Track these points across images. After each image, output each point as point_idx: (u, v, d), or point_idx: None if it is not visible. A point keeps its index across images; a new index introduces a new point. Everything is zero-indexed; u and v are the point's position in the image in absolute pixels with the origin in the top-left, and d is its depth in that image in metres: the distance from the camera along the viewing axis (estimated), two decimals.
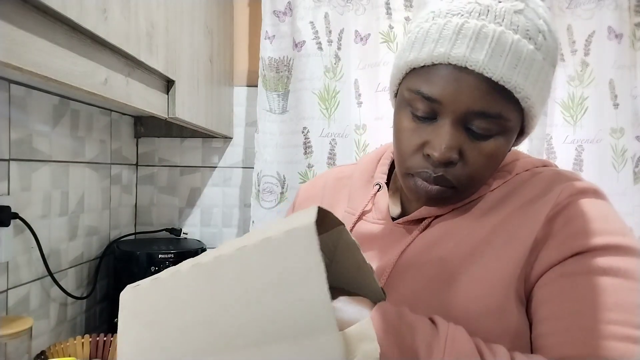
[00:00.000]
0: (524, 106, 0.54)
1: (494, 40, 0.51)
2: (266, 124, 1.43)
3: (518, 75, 0.51)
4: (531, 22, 0.53)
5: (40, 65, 0.53)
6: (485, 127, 0.54)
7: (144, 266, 1.26)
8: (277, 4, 1.41)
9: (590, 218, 0.54)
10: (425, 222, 0.63)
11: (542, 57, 0.53)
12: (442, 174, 0.56)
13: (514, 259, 0.55)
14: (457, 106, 0.53)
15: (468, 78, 0.52)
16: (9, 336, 0.83)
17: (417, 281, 0.59)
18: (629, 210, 1.32)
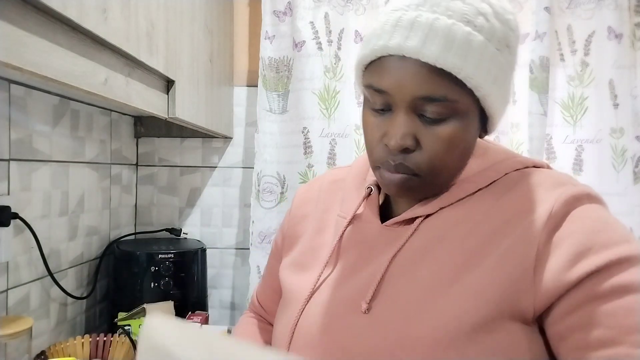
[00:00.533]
0: (470, 87, 0.54)
1: (427, 26, 0.53)
2: (266, 124, 1.43)
3: (454, 56, 0.52)
4: (470, 7, 0.54)
5: (40, 65, 0.53)
6: (435, 110, 0.55)
7: (144, 266, 1.26)
8: (277, 4, 1.41)
9: (592, 229, 0.54)
10: (415, 224, 0.62)
11: (483, 38, 0.53)
12: (401, 162, 0.57)
13: (512, 273, 0.54)
14: (403, 94, 0.55)
15: (408, 66, 0.54)
16: (9, 336, 0.83)
17: (409, 289, 0.58)
18: (629, 210, 1.32)
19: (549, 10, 1.32)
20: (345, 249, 0.66)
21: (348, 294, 0.61)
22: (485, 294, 0.54)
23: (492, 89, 0.55)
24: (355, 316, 0.59)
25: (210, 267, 1.51)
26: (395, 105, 0.57)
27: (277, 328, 0.69)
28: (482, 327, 0.53)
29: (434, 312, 0.54)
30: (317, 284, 0.65)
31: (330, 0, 1.40)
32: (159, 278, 1.26)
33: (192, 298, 1.33)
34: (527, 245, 0.54)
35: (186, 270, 1.31)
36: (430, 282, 0.57)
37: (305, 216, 0.77)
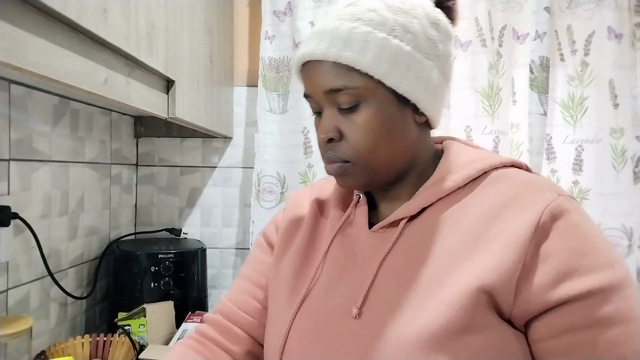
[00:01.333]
0: (364, 71, 0.59)
1: (326, 32, 0.61)
2: (266, 124, 1.43)
3: (342, 49, 0.59)
4: (361, 7, 0.61)
5: (40, 65, 0.53)
6: (344, 100, 0.61)
7: (144, 266, 1.26)
8: (277, 4, 1.41)
9: (579, 250, 0.55)
10: (400, 227, 0.63)
11: (370, 29, 0.59)
12: (331, 152, 0.63)
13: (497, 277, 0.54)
14: (317, 93, 0.63)
15: (317, 68, 0.62)
16: (9, 336, 0.83)
17: (398, 293, 0.59)
18: (629, 210, 1.32)
19: (549, 10, 1.32)
20: (335, 256, 0.67)
21: (339, 300, 0.62)
22: (471, 296, 0.54)
23: (390, 71, 0.59)
24: (346, 322, 0.60)
25: (210, 267, 1.51)
26: (320, 106, 0.64)
27: (269, 335, 0.69)
28: (470, 329, 0.54)
29: (422, 315, 0.55)
30: (307, 291, 0.66)
31: (330, 0, 1.40)
32: (159, 278, 1.26)
33: (192, 298, 1.33)
34: (514, 253, 0.55)
35: (186, 270, 1.31)
36: (418, 285, 0.58)
37: (298, 221, 0.77)
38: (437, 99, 0.64)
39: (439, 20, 0.64)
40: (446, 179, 0.63)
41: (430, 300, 0.56)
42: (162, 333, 1.19)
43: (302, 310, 0.65)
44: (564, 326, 0.54)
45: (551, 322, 0.54)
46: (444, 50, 0.64)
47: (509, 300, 0.55)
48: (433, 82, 0.63)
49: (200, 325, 0.82)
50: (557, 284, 0.53)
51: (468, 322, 0.54)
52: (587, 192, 1.36)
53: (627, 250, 1.33)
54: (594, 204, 1.35)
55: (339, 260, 0.67)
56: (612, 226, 1.34)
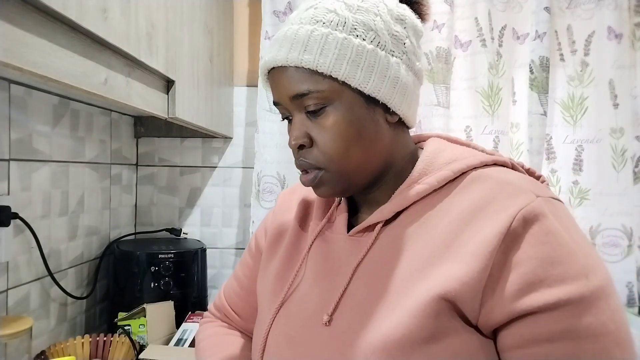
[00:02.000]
0: (327, 73, 0.58)
1: (286, 37, 0.60)
2: (266, 124, 1.43)
3: (302, 53, 0.58)
4: (320, 9, 0.60)
5: (40, 65, 0.53)
6: (310, 104, 0.60)
7: (144, 266, 1.26)
8: (277, 4, 1.41)
9: (549, 259, 0.51)
10: (375, 231, 0.62)
11: (329, 30, 0.59)
12: (302, 159, 0.62)
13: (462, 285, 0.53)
14: (284, 99, 0.62)
15: (277, 74, 0.62)
16: (9, 336, 0.83)
17: (367, 300, 0.58)
18: (629, 210, 1.32)
19: (549, 10, 1.32)
20: (314, 260, 0.67)
21: (313, 306, 0.62)
22: (434, 305, 0.53)
23: (353, 71, 0.58)
24: (317, 329, 0.60)
25: (210, 267, 1.51)
26: (290, 112, 0.63)
27: (254, 337, 0.70)
28: (434, 337, 0.52)
29: (387, 324, 0.54)
30: (285, 296, 0.66)
31: None
32: (159, 278, 1.26)
33: (192, 298, 1.33)
34: (480, 262, 0.52)
35: (186, 270, 1.31)
36: (387, 293, 0.57)
37: (285, 223, 0.77)
38: (407, 97, 0.62)
39: (404, 16, 0.62)
40: (422, 182, 0.61)
41: (396, 309, 0.55)
42: (162, 333, 1.19)
43: (280, 315, 0.65)
44: (529, 337, 0.51)
45: (517, 331, 0.52)
46: (412, 45, 0.63)
47: (474, 310, 0.53)
48: (401, 80, 0.61)
49: (209, 313, 0.88)
50: (523, 295, 0.51)
51: (432, 331, 0.52)
52: (587, 192, 1.36)
53: (627, 250, 1.34)
54: (594, 204, 1.35)
55: (317, 265, 0.66)
56: (612, 226, 1.34)
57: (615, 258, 1.34)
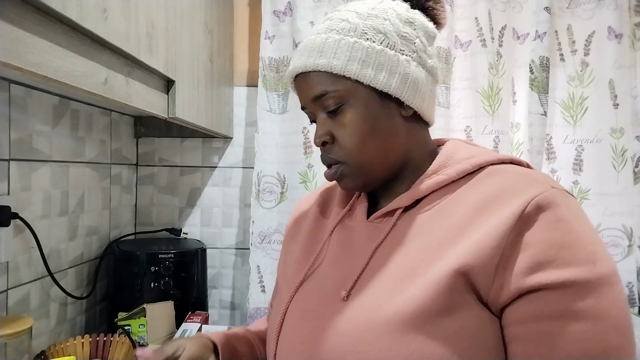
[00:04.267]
0: (340, 73, 0.64)
1: (305, 47, 0.67)
2: (266, 124, 1.43)
3: (318, 58, 0.65)
4: (334, 20, 0.67)
5: (40, 65, 0.53)
6: (329, 103, 0.65)
7: (144, 266, 1.26)
8: (277, 4, 1.41)
9: (560, 242, 0.54)
10: (395, 217, 0.66)
11: (341, 36, 0.65)
12: (326, 155, 0.68)
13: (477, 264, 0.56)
14: (307, 102, 0.68)
15: (299, 81, 0.68)
16: (9, 336, 0.83)
17: (384, 279, 0.61)
18: (629, 210, 1.33)
19: (549, 10, 1.32)
20: (334, 245, 0.71)
21: (331, 284, 0.66)
22: (448, 279, 0.56)
23: (363, 69, 0.64)
24: (334, 303, 0.63)
25: (210, 267, 1.51)
26: (314, 114, 0.69)
27: (272, 314, 0.75)
28: (447, 311, 0.55)
29: (402, 298, 0.57)
30: (305, 276, 0.71)
31: (330, 0, 1.40)
32: (159, 278, 1.26)
33: (192, 298, 1.33)
34: (494, 241, 0.55)
35: (186, 270, 1.31)
36: (404, 271, 0.60)
37: (303, 218, 0.82)
38: (420, 91, 0.66)
39: (414, 19, 0.67)
40: (441, 173, 0.65)
41: (412, 285, 0.58)
42: (162, 333, 1.19)
43: (298, 294, 0.69)
44: (530, 313, 0.54)
45: (520, 307, 0.55)
46: (422, 45, 0.67)
47: (487, 285, 0.56)
48: (412, 75, 0.65)
49: None
50: (532, 272, 0.54)
51: (445, 305, 0.55)
52: (587, 192, 1.36)
53: (627, 250, 1.34)
54: (594, 204, 1.35)
55: (337, 249, 0.70)
56: (612, 226, 1.34)
57: (616, 258, 1.34)
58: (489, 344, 0.56)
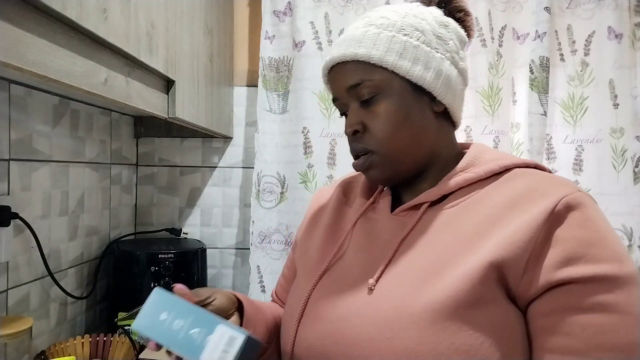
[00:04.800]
0: (377, 64, 0.66)
1: (344, 39, 0.69)
2: (266, 124, 1.43)
3: (357, 48, 0.66)
4: (374, 16, 0.69)
5: (40, 65, 0.53)
6: (364, 93, 0.67)
7: (144, 266, 1.26)
8: (277, 4, 1.41)
9: (589, 240, 0.57)
10: (421, 210, 0.67)
11: (381, 30, 0.67)
12: (357, 144, 0.69)
13: (507, 258, 0.57)
14: (341, 92, 0.70)
15: (335, 71, 0.70)
16: (9, 336, 0.83)
17: (412, 270, 0.62)
18: (629, 210, 1.32)
19: (549, 10, 1.32)
20: (357, 236, 0.73)
21: (356, 274, 0.67)
22: (482, 271, 0.57)
23: (400, 61, 0.66)
24: (360, 293, 0.64)
25: (210, 267, 1.51)
26: (347, 104, 0.70)
27: (290, 301, 0.75)
28: (477, 303, 0.57)
29: (433, 288, 0.58)
30: (328, 265, 0.72)
31: (330, 0, 1.40)
32: (159, 278, 1.26)
33: None
34: (527, 235, 0.57)
35: (186, 270, 1.31)
36: (433, 264, 0.61)
37: (322, 209, 0.84)
38: (451, 88, 0.69)
39: (448, 22, 0.71)
40: (468, 171, 0.67)
41: (443, 276, 0.59)
42: None
43: (322, 282, 0.70)
44: (559, 305, 0.56)
45: (548, 300, 0.57)
46: (455, 47, 0.70)
47: (517, 278, 0.57)
48: (445, 72, 0.68)
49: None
50: (561, 266, 0.56)
51: (476, 297, 0.57)
52: (587, 192, 1.36)
53: (628, 250, 1.33)
54: None
55: (360, 239, 0.72)
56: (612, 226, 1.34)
57: None
58: (516, 338, 0.58)
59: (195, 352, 0.57)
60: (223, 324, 0.58)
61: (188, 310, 0.61)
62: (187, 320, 0.60)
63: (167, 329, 0.60)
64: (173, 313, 0.61)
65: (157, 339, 0.61)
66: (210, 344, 0.57)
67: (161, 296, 0.64)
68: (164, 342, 0.60)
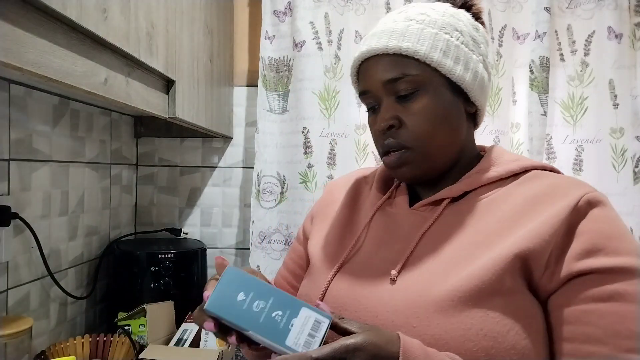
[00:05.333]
0: (419, 58, 0.65)
1: (384, 31, 0.68)
2: (266, 124, 1.43)
3: (401, 42, 0.66)
4: (413, 12, 0.69)
5: (40, 65, 0.53)
6: (403, 87, 0.66)
7: (144, 266, 1.26)
8: (277, 4, 1.41)
9: (609, 234, 0.59)
10: (442, 205, 0.68)
11: (423, 26, 0.67)
12: (391, 139, 0.68)
13: (531, 250, 0.59)
14: (376, 85, 0.68)
15: (372, 63, 0.68)
16: (9, 336, 0.83)
17: (434, 263, 0.63)
18: (629, 210, 1.32)
19: (549, 10, 1.32)
20: (375, 230, 0.73)
21: (377, 265, 0.68)
22: (507, 261, 0.58)
23: (443, 59, 0.66)
24: (383, 284, 0.65)
25: (210, 267, 1.51)
26: (379, 98, 0.69)
27: (305, 292, 0.74)
28: (501, 290, 0.58)
29: (459, 277, 0.60)
30: (347, 257, 0.72)
31: (330, 0, 1.40)
32: (159, 278, 1.26)
33: (192, 298, 1.33)
34: (551, 229, 0.59)
35: (186, 270, 1.31)
36: (455, 256, 0.62)
37: (335, 201, 0.83)
38: (484, 90, 0.71)
39: (479, 26, 0.72)
40: (490, 170, 0.69)
41: (467, 266, 0.60)
42: (162, 333, 1.19)
43: (341, 274, 0.70)
44: (578, 295, 0.58)
45: (568, 290, 0.58)
46: (486, 51, 0.72)
47: (540, 270, 0.59)
48: (480, 74, 0.69)
49: None
50: (582, 258, 0.58)
51: (501, 285, 0.58)
52: None
53: None
54: None
55: (379, 232, 0.72)
56: None
57: None
58: (539, 328, 0.59)
59: (280, 337, 0.53)
60: (306, 306, 0.55)
61: (267, 291, 0.55)
62: (267, 301, 0.55)
63: (247, 311, 0.54)
64: (251, 293, 0.55)
65: (235, 322, 0.54)
66: (295, 328, 0.53)
67: (236, 275, 0.57)
68: (244, 326, 0.54)
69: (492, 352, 0.56)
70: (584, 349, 0.56)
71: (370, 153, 1.41)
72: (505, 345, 0.56)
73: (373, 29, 0.71)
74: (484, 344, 0.56)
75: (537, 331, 0.59)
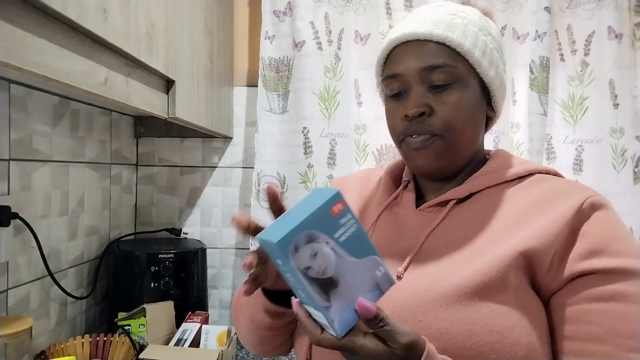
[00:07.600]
0: (461, 52, 0.66)
1: (426, 18, 0.68)
2: (266, 124, 1.43)
3: (447, 32, 0.66)
4: (453, 8, 0.69)
5: (40, 65, 0.53)
6: (440, 77, 0.66)
7: (144, 266, 1.26)
8: (277, 4, 1.41)
9: (611, 236, 0.60)
10: (449, 206, 0.68)
11: (467, 22, 0.68)
12: (420, 124, 0.67)
13: (536, 249, 0.59)
14: (410, 70, 0.67)
15: (411, 47, 0.67)
16: (9, 336, 0.83)
17: (439, 261, 0.64)
18: (629, 210, 1.32)
19: (549, 10, 1.32)
20: (381, 229, 0.73)
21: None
22: (512, 258, 0.59)
23: (482, 59, 0.67)
24: None
25: (210, 267, 1.51)
26: (408, 85, 0.68)
27: None
28: (505, 287, 0.59)
29: (464, 272, 0.60)
30: None
31: (330, 0, 1.40)
32: (159, 278, 1.26)
33: (192, 298, 1.33)
34: (556, 229, 0.60)
35: (186, 270, 1.31)
36: (461, 254, 0.63)
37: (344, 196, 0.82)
38: (503, 99, 0.72)
39: (500, 36, 0.74)
40: (495, 172, 0.70)
41: (472, 262, 0.61)
42: (162, 333, 1.19)
43: None
44: (580, 294, 0.58)
45: (570, 290, 0.59)
46: (505, 60, 0.73)
47: (544, 269, 0.60)
48: (503, 82, 0.71)
49: None
50: (585, 258, 0.59)
51: (505, 281, 0.59)
52: None
53: None
54: None
55: (386, 231, 0.73)
56: None
57: None
58: (542, 325, 0.60)
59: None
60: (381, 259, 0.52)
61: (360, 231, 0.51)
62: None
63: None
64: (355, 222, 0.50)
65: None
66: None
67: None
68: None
69: (497, 346, 0.57)
70: (586, 348, 0.57)
71: (370, 153, 1.41)
72: (510, 340, 0.57)
73: (409, 17, 0.71)
74: (489, 338, 0.57)
75: (541, 328, 0.60)
